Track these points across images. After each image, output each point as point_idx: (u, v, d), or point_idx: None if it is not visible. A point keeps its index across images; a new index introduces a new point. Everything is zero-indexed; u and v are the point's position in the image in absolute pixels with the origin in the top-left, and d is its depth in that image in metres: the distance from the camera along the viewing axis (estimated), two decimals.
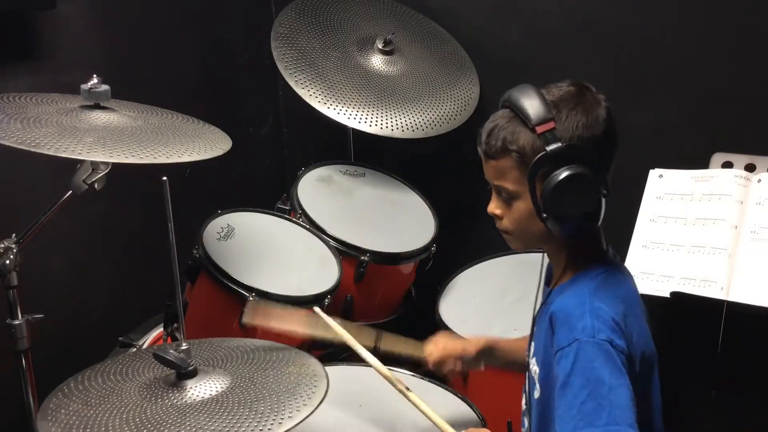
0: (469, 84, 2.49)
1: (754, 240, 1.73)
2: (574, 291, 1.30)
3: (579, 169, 1.22)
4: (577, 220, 1.26)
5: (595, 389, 1.18)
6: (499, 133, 1.29)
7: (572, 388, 1.20)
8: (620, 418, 1.16)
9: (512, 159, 1.28)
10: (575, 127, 1.25)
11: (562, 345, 1.23)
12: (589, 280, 1.30)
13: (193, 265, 1.89)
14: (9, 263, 1.39)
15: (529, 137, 1.25)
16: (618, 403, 1.17)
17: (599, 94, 1.30)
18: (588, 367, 1.19)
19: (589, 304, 1.24)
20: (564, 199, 1.23)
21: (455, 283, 2.23)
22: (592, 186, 1.23)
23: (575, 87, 1.29)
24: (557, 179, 1.22)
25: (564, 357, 1.22)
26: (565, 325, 1.24)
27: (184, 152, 1.48)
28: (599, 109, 1.27)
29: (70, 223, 2.11)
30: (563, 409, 1.21)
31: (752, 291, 1.67)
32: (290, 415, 1.28)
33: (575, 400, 1.19)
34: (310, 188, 2.30)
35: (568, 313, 1.25)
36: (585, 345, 1.20)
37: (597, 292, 1.27)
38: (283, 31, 2.38)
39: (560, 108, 1.26)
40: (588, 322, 1.22)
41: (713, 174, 1.88)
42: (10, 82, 1.99)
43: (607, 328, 1.21)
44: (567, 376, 1.21)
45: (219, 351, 1.53)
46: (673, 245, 1.81)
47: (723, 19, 2.17)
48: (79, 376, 1.45)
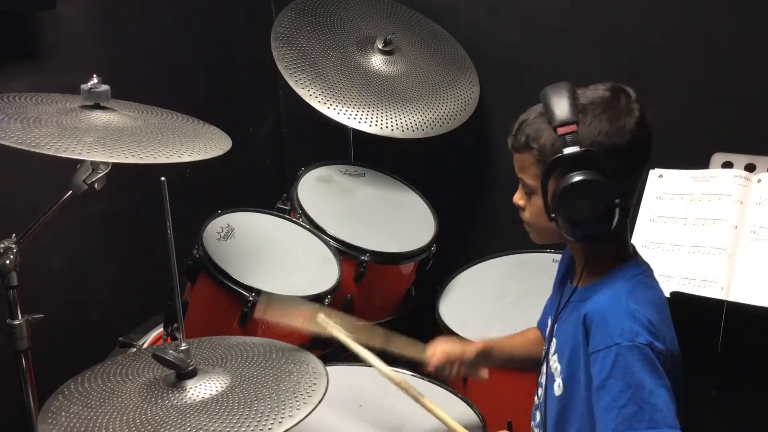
0: (469, 84, 2.49)
1: (754, 240, 1.73)
2: (608, 292, 1.29)
3: (591, 175, 1.22)
4: (586, 225, 1.25)
5: (635, 393, 1.18)
6: (526, 128, 1.31)
7: (611, 391, 1.20)
8: (661, 421, 1.17)
9: (533, 155, 1.29)
10: (597, 133, 1.24)
11: (599, 347, 1.23)
12: (623, 281, 1.29)
13: (193, 265, 1.89)
14: (9, 263, 1.38)
15: (551, 137, 1.26)
16: (658, 406, 1.18)
17: (635, 102, 1.28)
18: (628, 372, 1.19)
19: (625, 306, 1.24)
20: (572, 203, 1.24)
21: (455, 283, 2.23)
22: (603, 194, 1.22)
23: (611, 92, 1.29)
24: (567, 183, 1.23)
25: (601, 360, 1.22)
26: (603, 327, 1.24)
27: (184, 152, 1.47)
28: (628, 118, 1.26)
29: (70, 223, 2.11)
30: (602, 412, 1.21)
31: (752, 291, 1.67)
32: (290, 414, 1.28)
33: (614, 403, 1.19)
34: (310, 188, 2.30)
35: (605, 315, 1.25)
36: (624, 349, 1.20)
37: (633, 294, 1.27)
38: (283, 31, 2.38)
39: (587, 112, 1.25)
40: (626, 326, 1.22)
41: (713, 174, 1.88)
42: (10, 82, 1.99)
43: (645, 331, 1.21)
44: (605, 378, 1.21)
45: (218, 350, 1.53)
46: (673, 245, 1.81)
47: (723, 19, 2.17)
48: (79, 378, 1.45)
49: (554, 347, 1.38)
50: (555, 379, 1.35)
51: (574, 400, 1.31)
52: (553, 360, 1.37)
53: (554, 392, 1.35)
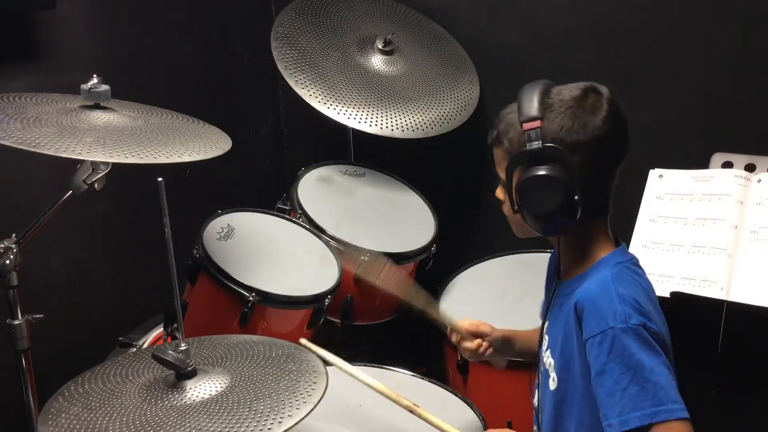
0: (469, 84, 2.49)
1: (754, 240, 1.73)
2: (595, 279, 1.30)
3: (549, 170, 1.24)
4: (547, 219, 1.28)
5: (636, 374, 1.19)
6: (500, 124, 1.36)
7: (611, 374, 1.21)
8: (665, 398, 1.18)
9: (503, 150, 1.34)
10: (559, 129, 1.26)
11: (594, 333, 1.24)
12: (608, 269, 1.31)
13: (193, 265, 1.89)
14: (9, 263, 1.38)
15: (518, 132, 1.29)
16: (660, 383, 1.19)
17: (606, 102, 1.29)
18: (626, 353, 1.20)
19: (614, 290, 1.25)
20: (530, 197, 1.27)
21: (455, 283, 2.23)
22: (561, 189, 1.24)
23: (581, 90, 1.30)
24: (525, 177, 1.26)
25: (598, 345, 1.23)
26: (595, 312, 1.25)
27: (184, 152, 1.47)
28: (593, 116, 1.27)
29: (70, 223, 2.11)
30: (605, 397, 1.22)
31: (752, 291, 1.67)
32: (290, 414, 1.28)
33: (616, 386, 1.20)
34: (310, 188, 2.30)
35: (595, 300, 1.26)
36: (619, 331, 1.21)
37: (618, 278, 1.28)
38: (283, 31, 2.38)
39: (552, 109, 1.28)
40: (618, 308, 1.23)
41: (713, 174, 1.88)
42: (10, 82, 1.99)
43: (636, 312, 1.22)
44: (604, 363, 1.21)
45: (218, 349, 1.52)
46: (673, 245, 1.81)
47: (723, 20, 2.17)
48: (79, 379, 1.45)
49: (546, 344, 1.39)
50: (550, 375, 1.36)
51: (570, 390, 1.32)
52: (546, 356, 1.38)
53: (549, 388, 1.36)
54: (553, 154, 1.25)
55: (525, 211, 1.29)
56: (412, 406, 1.49)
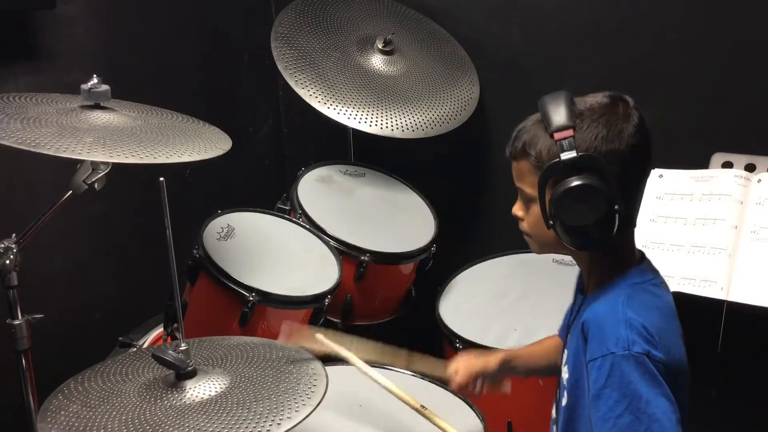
0: (469, 84, 2.49)
1: (754, 240, 1.73)
2: (606, 299, 1.27)
3: (589, 180, 1.20)
4: (586, 232, 1.23)
5: (631, 403, 1.16)
6: (523, 135, 1.29)
7: (606, 400, 1.18)
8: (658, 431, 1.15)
9: (530, 162, 1.28)
10: (594, 138, 1.22)
11: (595, 356, 1.21)
12: (623, 288, 1.27)
13: (193, 265, 1.89)
14: (9, 263, 1.39)
15: (548, 143, 1.24)
16: (656, 416, 1.15)
17: (634, 109, 1.26)
18: (624, 382, 1.17)
19: (622, 314, 1.21)
20: (569, 208, 1.22)
21: (455, 283, 2.23)
22: (602, 199, 1.20)
23: (610, 99, 1.27)
24: (564, 188, 1.21)
25: (597, 369, 1.20)
26: (598, 335, 1.22)
27: (184, 152, 1.47)
28: (626, 124, 1.24)
29: (70, 223, 2.11)
30: (597, 421, 1.20)
31: (752, 291, 1.67)
32: (289, 415, 1.28)
33: (610, 413, 1.17)
34: (310, 188, 2.30)
35: (601, 323, 1.23)
36: (620, 358, 1.18)
37: (631, 301, 1.24)
38: (283, 31, 2.38)
39: (584, 118, 1.24)
40: (622, 334, 1.19)
41: (713, 174, 1.88)
42: (10, 82, 1.99)
43: (641, 340, 1.18)
44: (601, 388, 1.19)
45: (218, 350, 1.52)
46: (673, 245, 1.81)
47: (723, 20, 2.17)
48: (79, 377, 1.45)
49: (565, 358, 1.36)
50: (564, 391, 1.34)
51: (578, 409, 1.29)
52: (564, 371, 1.35)
53: (562, 403, 1.34)
54: (590, 163, 1.20)
55: (561, 225, 1.24)
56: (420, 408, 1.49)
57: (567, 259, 2.19)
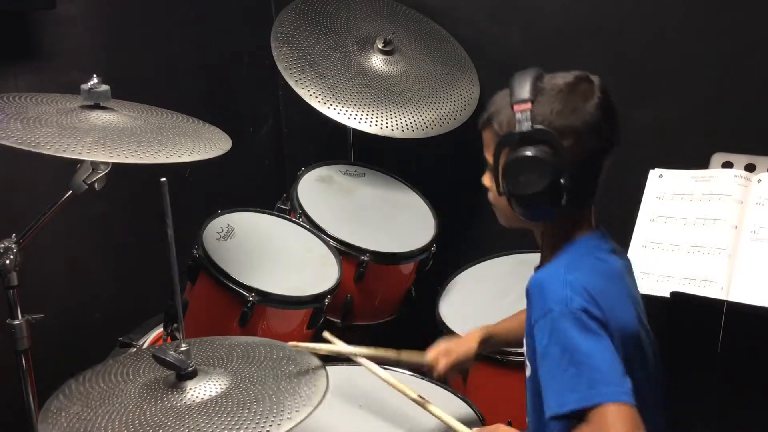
0: (469, 84, 2.49)
1: (754, 240, 1.73)
2: (550, 265, 1.33)
3: (536, 152, 1.24)
4: (532, 202, 1.28)
5: (573, 356, 1.19)
6: (490, 107, 1.36)
7: (552, 357, 1.22)
8: (599, 379, 1.17)
9: (492, 132, 1.34)
10: (549, 113, 1.27)
11: (537, 317, 1.25)
12: (568, 255, 1.32)
13: (193, 265, 1.89)
14: (9, 263, 1.39)
15: (508, 114, 1.30)
16: (595, 365, 1.18)
17: (598, 89, 1.30)
18: (565, 336, 1.21)
19: (563, 275, 1.26)
20: (515, 177, 1.27)
21: (455, 283, 2.23)
22: (546, 171, 1.24)
23: (574, 78, 1.31)
24: (512, 157, 1.27)
25: (541, 328, 1.24)
26: (539, 297, 1.27)
27: (184, 152, 1.48)
28: (584, 102, 1.28)
29: (70, 223, 2.11)
30: (546, 379, 1.23)
31: (752, 291, 1.67)
32: (289, 416, 1.28)
33: (556, 369, 1.21)
34: (310, 188, 2.30)
35: (542, 285, 1.28)
36: (559, 314, 1.22)
37: (571, 264, 1.29)
38: (283, 31, 2.38)
39: (544, 93, 1.28)
40: (561, 293, 1.23)
41: (713, 174, 1.88)
42: (10, 82, 1.99)
43: (579, 297, 1.23)
44: (545, 346, 1.23)
45: (219, 350, 1.52)
46: (673, 245, 1.81)
47: (723, 19, 2.17)
48: (79, 378, 1.45)
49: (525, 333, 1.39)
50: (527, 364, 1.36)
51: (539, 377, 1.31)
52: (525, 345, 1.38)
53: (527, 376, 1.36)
54: (541, 137, 1.25)
55: (510, 194, 1.29)
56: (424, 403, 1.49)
57: None
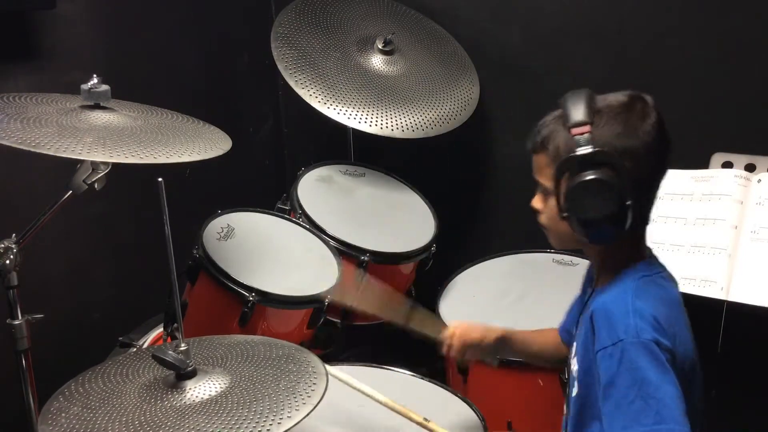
0: (469, 84, 2.49)
1: (754, 240, 1.73)
2: (615, 290, 1.30)
3: (601, 174, 1.23)
4: (598, 225, 1.26)
5: (641, 389, 1.19)
6: (543, 130, 1.33)
7: (618, 388, 1.21)
8: (667, 416, 1.17)
9: (548, 156, 1.32)
10: (610, 134, 1.25)
11: (605, 345, 1.23)
12: (631, 280, 1.30)
13: (193, 265, 1.89)
14: (9, 263, 1.39)
15: (565, 137, 1.28)
16: (665, 401, 1.18)
17: (653, 109, 1.30)
18: (633, 367, 1.20)
19: (631, 304, 1.25)
20: (581, 201, 1.25)
21: (455, 283, 2.23)
22: (614, 194, 1.23)
23: (628, 97, 1.31)
24: (577, 181, 1.24)
25: (608, 357, 1.22)
26: (607, 324, 1.25)
27: (184, 152, 1.47)
28: (642, 122, 1.28)
29: (70, 223, 2.11)
30: (610, 408, 1.22)
31: (752, 291, 1.67)
32: (289, 415, 1.28)
33: (623, 400, 1.20)
34: (310, 188, 2.30)
35: (610, 312, 1.26)
36: (629, 345, 1.20)
37: (638, 291, 1.27)
38: (283, 31, 2.38)
39: (601, 114, 1.27)
40: (631, 322, 1.22)
41: (713, 174, 1.88)
42: (10, 82, 1.99)
43: (650, 328, 1.22)
44: (613, 376, 1.21)
45: (218, 349, 1.52)
46: (673, 245, 1.81)
47: (723, 19, 2.17)
48: (80, 378, 1.45)
49: (574, 351, 1.38)
50: (573, 383, 1.36)
51: (590, 399, 1.31)
52: (573, 363, 1.37)
53: (572, 395, 1.36)
54: (604, 159, 1.24)
55: (573, 218, 1.27)
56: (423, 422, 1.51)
57: (567, 258, 2.21)
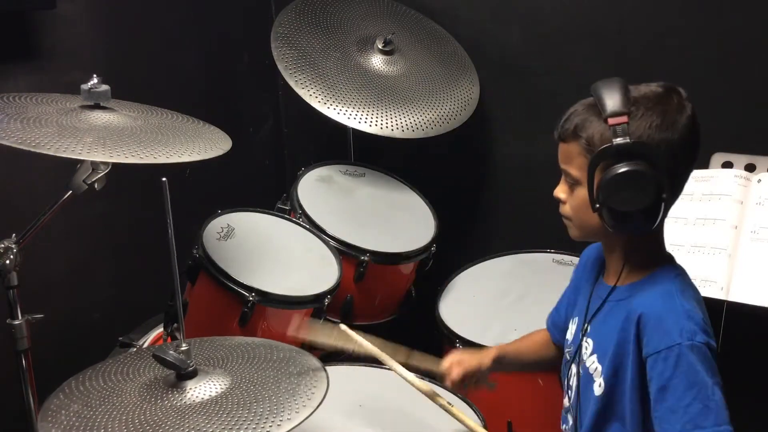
0: (469, 84, 2.49)
1: (754, 240, 1.73)
2: (659, 291, 1.29)
3: (640, 166, 1.21)
4: (631, 218, 1.25)
5: (700, 392, 1.20)
6: (574, 118, 1.30)
7: (675, 390, 1.21)
8: (724, 418, 1.20)
9: (580, 145, 1.29)
10: (648, 126, 1.24)
11: (659, 348, 1.23)
12: (670, 282, 1.30)
13: (193, 265, 1.89)
14: (9, 263, 1.38)
15: (600, 127, 1.26)
16: (721, 404, 1.20)
17: (687, 101, 1.29)
18: (691, 371, 1.20)
19: (681, 305, 1.25)
20: (618, 193, 1.23)
21: (455, 283, 2.23)
22: (650, 186, 1.22)
23: (664, 89, 1.29)
24: (615, 172, 1.22)
25: (663, 360, 1.22)
26: (660, 328, 1.24)
27: (184, 152, 1.47)
28: (680, 114, 1.26)
29: (70, 223, 2.11)
30: (665, 412, 1.22)
31: (752, 291, 1.67)
32: (289, 416, 1.28)
33: (679, 402, 1.20)
34: (310, 188, 2.30)
35: (662, 315, 1.25)
36: (686, 348, 1.21)
37: (684, 293, 1.28)
38: (283, 31, 2.38)
39: (639, 105, 1.25)
40: (685, 325, 1.23)
41: (713, 174, 1.88)
42: (10, 82, 1.99)
43: (701, 331, 1.23)
44: (668, 379, 1.21)
45: (219, 350, 1.52)
46: (673, 245, 1.81)
47: (723, 19, 2.17)
48: (80, 377, 1.45)
49: (591, 347, 1.37)
50: (594, 380, 1.34)
51: (617, 396, 1.31)
52: (591, 361, 1.35)
53: (594, 392, 1.34)
54: (642, 151, 1.22)
55: (607, 210, 1.25)
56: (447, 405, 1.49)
57: (567, 259, 2.21)
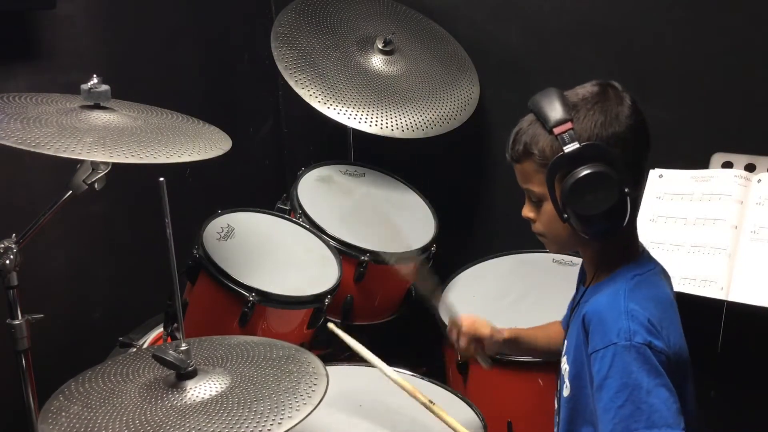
0: (469, 84, 2.49)
1: (754, 240, 1.73)
2: (608, 292, 1.29)
3: (596, 167, 1.22)
4: (601, 220, 1.25)
5: (632, 393, 1.18)
6: (522, 137, 1.31)
7: (608, 391, 1.20)
8: (659, 421, 1.17)
9: (534, 162, 1.29)
10: (593, 126, 1.24)
11: (597, 347, 1.23)
12: (624, 281, 1.29)
13: (193, 265, 1.89)
14: (9, 263, 1.39)
15: (548, 139, 1.26)
16: (656, 406, 1.17)
17: (625, 92, 1.29)
18: (625, 371, 1.19)
19: (624, 305, 1.24)
20: (582, 198, 1.23)
21: (455, 283, 2.23)
22: (611, 184, 1.22)
23: (598, 86, 1.29)
24: (573, 179, 1.23)
25: (600, 359, 1.22)
26: (600, 327, 1.24)
27: (184, 152, 1.48)
28: (620, 107, 1.26)
29: (70, 223, 2.11)
30: (600, 412, 1.22)
31: (752, 291, 1.67)
32: (290, 415, 1.28)
33: (612, 403, 1.20)
34: (310, 188, 2.30)
35: (603, 314, 1.25)
36: (621, 348, 1.20)
37: (632, 293, 1.26)
38: (283, 31, 2.38)
39: (579, 108, 1.26)
40: (624, 325, 1.21)
41: (713, 174, 1.88)
42: (10, 82, 1.99)
43: (643, 330, 1.21)
44: (603, 378, 1.21)
45: (219, 350, 1.53)
46: (673, 245, 1.81)
47: (723, 19, 2.17)
48: (80, 378, 1.45)
49: (565, 348, 1.38)
50: (564, 381, 1.36)
51: (581, 400, 1.31)
52: (563, 361, 1.37)
53: (563, 395, 1.36)
54: (594, 152, 1.23)
55: (575, 217, 1.25)
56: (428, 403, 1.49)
57: (567, 259, 2.21)
